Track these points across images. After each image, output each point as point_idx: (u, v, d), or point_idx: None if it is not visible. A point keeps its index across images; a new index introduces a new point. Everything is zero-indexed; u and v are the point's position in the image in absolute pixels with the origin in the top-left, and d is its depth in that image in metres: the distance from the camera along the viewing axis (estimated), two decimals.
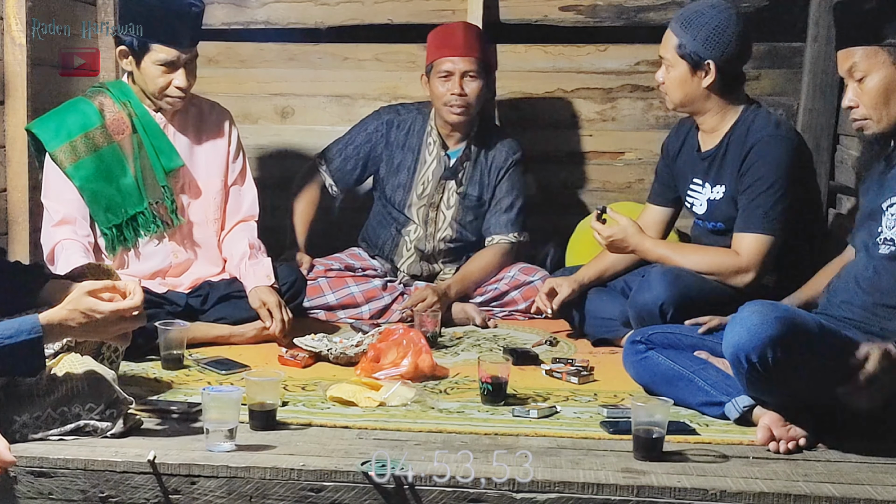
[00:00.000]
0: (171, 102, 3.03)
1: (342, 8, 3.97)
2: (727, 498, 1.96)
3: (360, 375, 2.65)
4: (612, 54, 3.96)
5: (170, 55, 2.96)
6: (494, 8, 3.91)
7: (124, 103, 3.05)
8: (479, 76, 3.45)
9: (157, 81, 2.99)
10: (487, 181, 3.59)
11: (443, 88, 3.45)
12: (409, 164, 3.58)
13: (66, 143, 2.96)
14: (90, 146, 2.98)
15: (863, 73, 2.32)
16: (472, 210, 3.61)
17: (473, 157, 3.58)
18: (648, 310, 2.81)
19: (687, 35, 2.86)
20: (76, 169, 2.95)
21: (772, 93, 3.87)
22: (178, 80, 2.99)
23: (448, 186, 3.58)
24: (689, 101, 2.94)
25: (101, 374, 2.18)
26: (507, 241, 3.60)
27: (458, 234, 3.62)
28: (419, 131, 3.59)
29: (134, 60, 3.00)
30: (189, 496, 2.01)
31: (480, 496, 1.98)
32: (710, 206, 2.98)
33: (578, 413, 2.45)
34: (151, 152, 3.04)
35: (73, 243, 2.91)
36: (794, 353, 2.14)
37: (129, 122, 3.04)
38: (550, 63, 3.98)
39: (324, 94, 4.05)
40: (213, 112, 3.24)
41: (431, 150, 3.57)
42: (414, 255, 3.63)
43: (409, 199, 3.59)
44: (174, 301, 2.99)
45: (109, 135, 3.01)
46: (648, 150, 3.91)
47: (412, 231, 3.61)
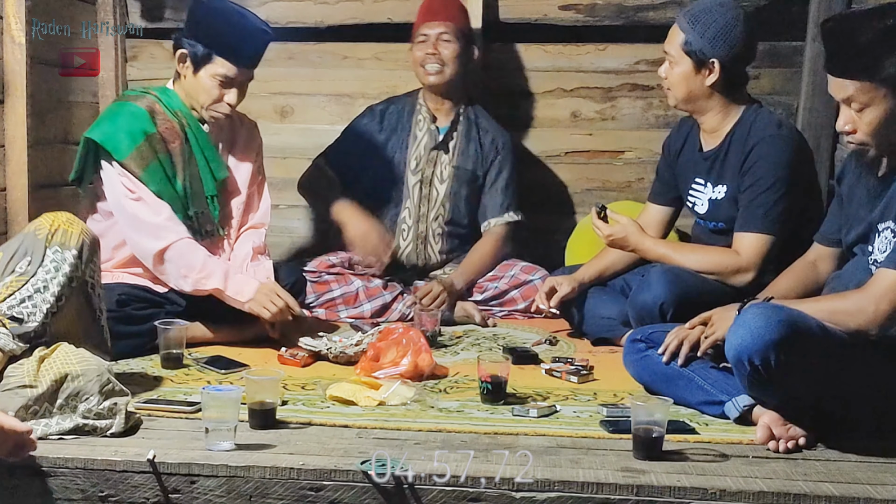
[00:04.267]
0: (216, 117, 3.01)
1: (342, 7, 3.97)
2: (727, 497, 1.96)
3: (359, 374, 2.65)
4: (611, 53, 3.96)
5: (230, 71, 2.94)
6: (494, 7, 3.91)
7: (176, 112, 3.01)
8: (454, 40, 3.56)
9: (212, 93, 2.96)
10: (481, 157, 3.66)
11: (420, 53, 3.57)
12: (402, 142, 3.66)
13: (135, 150, 2.89)
14: (153, 150, 2.92)
15: (861, 105, 2.22)
16: (466, 184, 3.66)
17: (464, 131, 3.65)
18: (648, 309, 2.81)
19: (694, 32, 2.86)
20: (148, 174, 2.90)
21: (772, 92, 3.86)
22: (230, 97, 2.98)
23: (440, 159, 3.64)
24: (691, 99, 2.94)
25: (95, 364, 2.18)
26: (503, 223, 3.65)
27: (452, 215, 3.65)
28: (409, 111, 3.69)
29: (192, 67, 2.97)
30: (189, 495, 2.01)
31: (480, 495, 1.98)
32: (711, 206, 2.98)
33: (578, 412, 2.45)
34: (203, 162, 3.02)
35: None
36: (796, 356, 2.14)
37: (181, 132, 3.00)
38: (550, 62, 3.98)
39: (323, 94, 4.05)
40: (243, 124, 3.24)
41: (422, 127, 3.66)
42: (411, 243, 3.65)
43: (404, 175, 3.65)
44: (174, 300, 2.99)
45: (164, 142, 2.96)
46: (648, 150, 3.91)
47: (407, 216, 3.64)
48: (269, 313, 2.88)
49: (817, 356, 2.17)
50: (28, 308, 2.24)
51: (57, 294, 2.29)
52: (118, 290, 2.87)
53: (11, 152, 3.33)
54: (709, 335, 2.48)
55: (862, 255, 2.37)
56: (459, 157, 3.65)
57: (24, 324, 2.23)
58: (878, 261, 2.26)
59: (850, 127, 2.28)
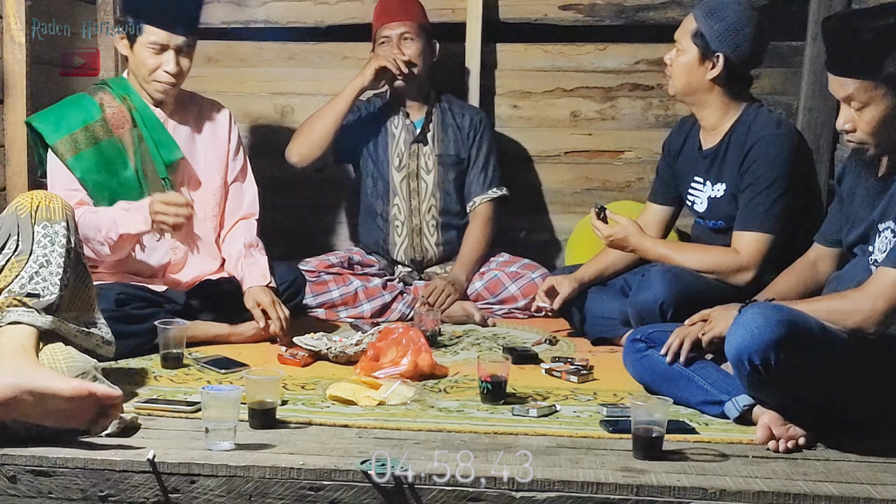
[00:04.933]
0: (161, 89, 3.02)
1: (342, 7, 3.97)
2: (726, 497, 1.96)
3: (359, 374, 2.65)
4: (611, 53, 3.96)
5: (160, 38, 2.96)
6: (494, 7, 3.91)
7: (124, 97, 3.06)
8: (416, 38, 3.56)
9: (147, 63, 2.98)
10: (461, 139, 3.68)
11: (384, 52, 3.55)
12: (382, 142, 3.67)
13: (67, 136, 2.95)
14: (90, 139, 2.97)
15: (861, 104, 2.23)
16: (452, 169, 3.68)
17: (440, 120, 3.67)
18: (648, 309, 2.81)
19: (706, 24, 2.86)
20: (77, 160, 2.95)
21: (771, 92, 3.86)
22: (168, 65, 2.98)
23: (422, 151, 3.66)
24: (690, 90, 2.94)
25: (82, 361, 2.18)
26: (487, 199, 3.67)
27: (443, 205, 3.67)
28: (383, 107, 3.71)
29: (129, 44, 3.01)
30: (188, 495, 2.01)
31: (480, 495, 1.98)
32: (710, 205, 2.98)
33: (578, 412, 2.45)
34: (151, 145, 3.04)
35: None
36: (796, 356, 2.14)
37: (129, 116, 3.05)
38: (550, 62, 3.98)
39: (323, 93, 4.03)
40: (212, 109, 3.26)
41: (396, 123, 3.68)
42: (406, 238, 3.65)
43: (388, 174, 3.66)
44: (173, 300, 2.99)
45: (109, 128, 3.01)
46: (648, 149, 3.91)
47: (398, 213, 3.65)
48: (172, 220, 2.82)
49: (817, 356, 2.17)
50: (40, 283, 2.25)
51: (63, 266, 2.30)
52: (117, 290, 2.86)
53: (11, 152, 3.33)
54: (707, 331, 2.49)
55: (862, 255, 2.38)
56: (440, 145, 3.67)
57: (42, 298, 2.23)
58: (878, 260, 2.26)
59: (849, 125, 2.29)
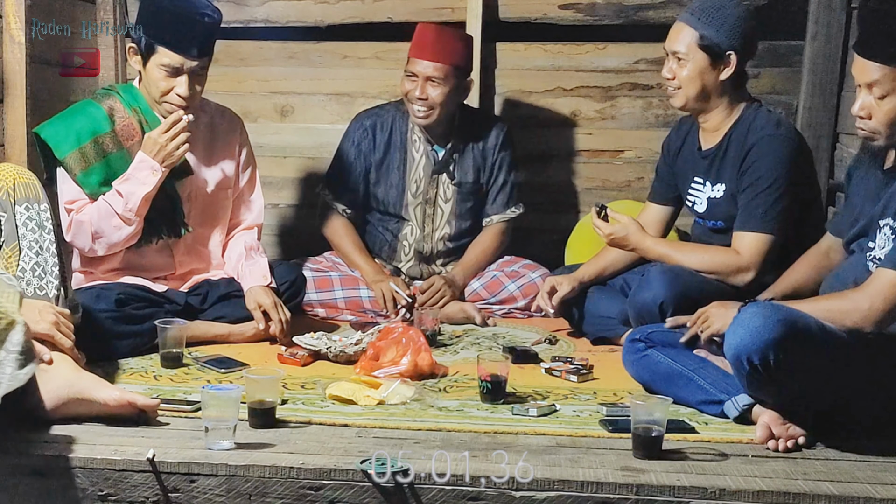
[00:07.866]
0: (171, 110, 2.92)
1: (342, 6, 3.97)
2: (726, 496, 1.96)
3: (359, 374, 2.65)
4: (611, 52, 3.96)
5: (174, 61, 2.87)
6: (494, 6, 3.91)
7: (135, 109, 2.97)
8: (443, 83, 3.40)
9: (160, 85, 2.90)
10: (482, 164, 3.60)
11: (408, 86, 3.46)
12: (398, 164, 3.57)
13: (76, 150, 2.87)
14: (99, 152, 2.90)
15: (884, 92, 2.21)
16: (471, 196, 3.62)
17: (462, 146, 3.58)
18: (648, 308, 2.81)
19: (709, 27, 2.84)
20: (86, 176, 2.88)
21: (771, 91, 3.86)
22: (181, 88, 2.90)
23: (441, 180, 3.58)
24: (702, 97, 2.91)
25: None
26: (504, 219, 3.64)
27: (457, 231, 3.63)
28: (402, 129, 3.57)
29: (141, 61, 2.93)
30: (188, 494, 2.02)
31: (479, 495, 1.98)
32: (710, 205, 2.98)
33: (578, 411, 2.45)
34: None
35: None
36: (795, 355, 2.14)
37: (140, 129, 2.95)
38: (550, 61, 3.98)
39: (324, 93, 4.05)
40: (224, 119, 3.18)
41: (418, 148, 3.56)
42: (413, 258, 3.63)
43: (404, 199, 3.58)
44: (174, 299, 2.99)
45: (119, 141, 2.93)
46: (648, 149, 3.91)
47: (409, 234, 3.61)
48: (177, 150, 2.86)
49: (816, 355, 2.17)
50: (40, 274, 2.26)
51: (56, 253, 2.32)
52: (117, 290, 2.86)
53: (11, 152, 3.32)
54: (704, 329, 2.51)
55: (860, 251, 2.38)
56: (460, 172, 3.59)
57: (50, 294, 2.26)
58: (878, 257, 2.26)
59: (864, 112, 2.27)
